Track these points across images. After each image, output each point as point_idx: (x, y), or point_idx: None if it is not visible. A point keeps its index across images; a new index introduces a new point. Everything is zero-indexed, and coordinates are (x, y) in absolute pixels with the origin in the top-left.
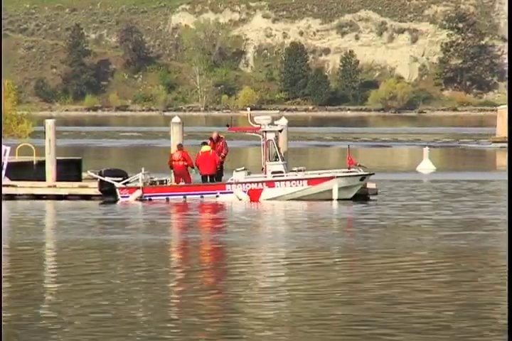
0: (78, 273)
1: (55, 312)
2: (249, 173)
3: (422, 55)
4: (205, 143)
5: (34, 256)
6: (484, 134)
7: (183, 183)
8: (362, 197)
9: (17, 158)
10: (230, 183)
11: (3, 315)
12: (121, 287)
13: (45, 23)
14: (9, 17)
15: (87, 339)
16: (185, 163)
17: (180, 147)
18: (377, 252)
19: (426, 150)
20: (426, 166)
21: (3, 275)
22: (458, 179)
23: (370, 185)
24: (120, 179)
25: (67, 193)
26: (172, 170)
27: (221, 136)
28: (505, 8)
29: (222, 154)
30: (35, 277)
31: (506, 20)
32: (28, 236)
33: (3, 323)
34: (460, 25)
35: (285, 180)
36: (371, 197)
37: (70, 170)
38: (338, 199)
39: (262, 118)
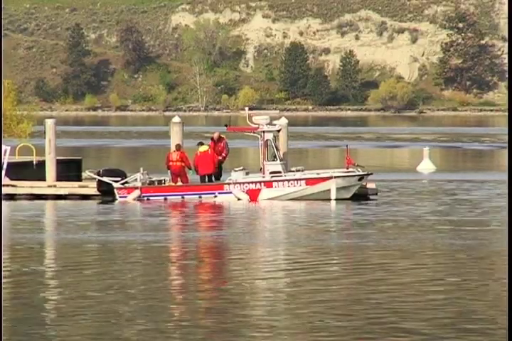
0: (77, 273)
1: (55, 312)
2: (247, 173)
3: (422, 55)
4: (201, 143)
5: (34, 255)
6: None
7: (180, 183)
8: (362, 197)
9: (17, 158)
10: (228, 183)
11: (3, 314)
12: (121, 286)
13: (45, 23)
14: (9, 17)
15: (87, 339)
16: (183, 164)
17: (178, 147)
18: (377, 252)
19: (426, 150)
20: (426, 166)
21: (3, 275)
22: (458, 179)
23: (370, 185)
24: (118, 179)
25: (67, 193)
26: (169, 171)
27: (222, 136)
28: (505, 8)
29: (223, 155)
30: (35, 277)
31: (506, 20)
32: (28, 236)
33: (3, 323)
34: (460, 25)
35: (283, 180)
36: (371, 197)
37: (70, 170)
38: (336, 199)
39: (261, 118)
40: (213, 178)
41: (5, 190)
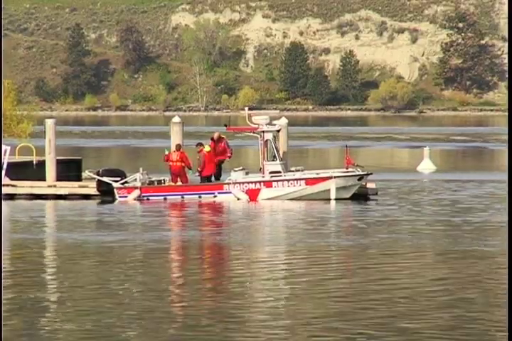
0: (77, 273)
1: (55, 312)
2: (247, 173)
3: (422, 55)
4: (201, 144)
5: (34, 255)
6: None
7: (180, 183)
8: (362, 197)
9: (17, 158)
10: (228, 183)
11: (3, 314)
12: (120, 286)
13: (45, 22)
14: (9, 17)
15: (86, 339)
16: (183, 164)
17: (178, 147)
18: (377, 252)
19: (426, 150)
20: (426, 166)
21: (3, 275)
22: (458, 179)
23: (370, 185)
24: (118, 179)
25: (67, 193)
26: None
27: (222, 136)
28: (505, 8)
29: (228, 154)
30: (35, 277)
31: (506, 20)
32: (28, 236)
33: (3, 322)
34: (460, 25)
35: (283, 180)
36: (371, 197)
37: (70, 170)
38: (335, 199)
39: (260, 118)
40: (213, 178)
41: (5, 190)
